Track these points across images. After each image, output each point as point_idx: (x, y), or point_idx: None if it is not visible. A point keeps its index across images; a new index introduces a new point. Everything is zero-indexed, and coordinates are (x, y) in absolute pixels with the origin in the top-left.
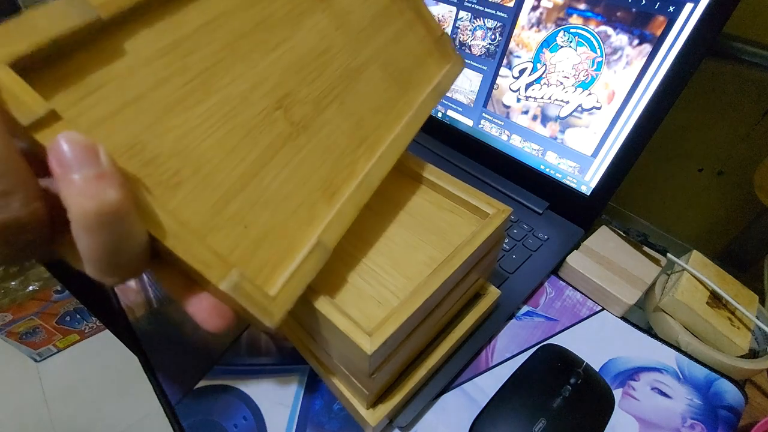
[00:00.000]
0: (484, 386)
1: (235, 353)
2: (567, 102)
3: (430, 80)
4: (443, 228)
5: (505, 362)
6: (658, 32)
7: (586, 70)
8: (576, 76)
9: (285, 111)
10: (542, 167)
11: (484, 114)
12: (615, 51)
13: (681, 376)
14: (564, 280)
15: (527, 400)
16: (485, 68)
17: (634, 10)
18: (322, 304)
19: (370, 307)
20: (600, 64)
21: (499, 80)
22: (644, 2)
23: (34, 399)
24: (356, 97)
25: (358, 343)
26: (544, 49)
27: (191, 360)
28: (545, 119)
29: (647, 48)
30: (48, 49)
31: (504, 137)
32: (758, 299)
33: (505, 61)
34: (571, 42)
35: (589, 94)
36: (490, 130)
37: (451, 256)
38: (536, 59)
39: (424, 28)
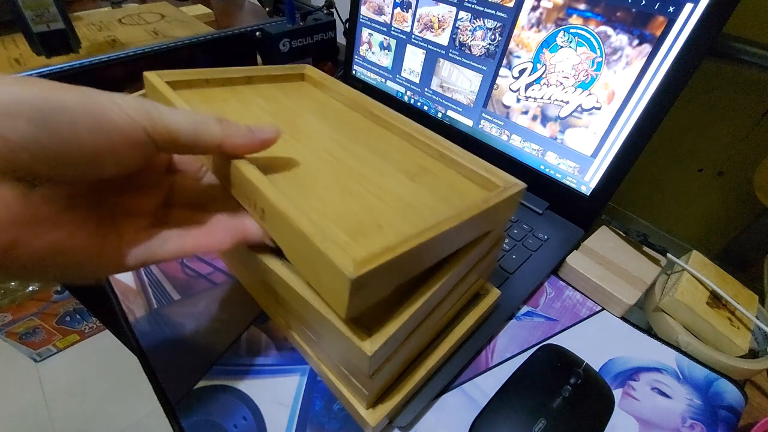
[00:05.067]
0: (484, 386)
1: (235, 353)
2: (567, 102)
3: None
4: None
5: (504, 362)
6: (658, 32)
7: (586, 71)
8: (576, 77)
9: None
10: (542, 167)
11: (483, 114)
12: (615, 51)
13: (681, 376)
14: (564, 280)
15: (527, 400)
16: (485, 68)
17: (634, 10)
18: (322, 306)
19: (371, 309)
20: (600, 64)
21: (499, 80)
22: (644, 2)
23: (34, 399)
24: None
25: (358, 344)
26: (543, 50)
27: (191, 360)
28: (545, 119)
29: (647, 48)
30: None
31: (504, 137)
32: (758, 299)
33: (505, 62)
34: (570, 42)
35: (589, 94)
36: (490, 130)
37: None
38: (536, 59)
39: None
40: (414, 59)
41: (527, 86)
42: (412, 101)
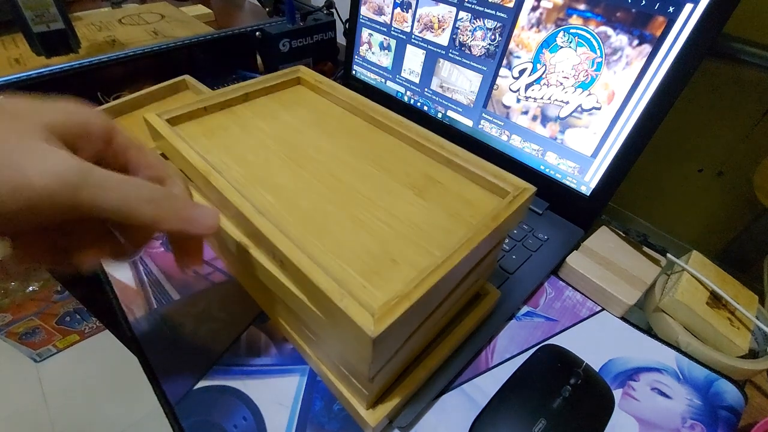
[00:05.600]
0: (484, 387)
1: (235, 354)
2: (567, 102)
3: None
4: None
5: (504, 363)
6: (658, 32)
7: (586, 71)
8: (576, 77)
9: None
10: (542, 167)
11: (484, 114)
12: (615, 51)
13: (681, 377)
14: (564, 281)
15: (527, 400)
16: (485, 68)
17: (634, 10)
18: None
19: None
20: (600, 64)
21: (499, 80)
22: (644, 2)
23: (34, 399)
24: None
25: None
26: (543, 50)
27: (191, 360)
28: (545, 119)
29: (647, 48)
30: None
31: (504, 137)
32: (758, 299)
33: (505, 62)
34: (570, 42)
35: (589, 94)
36: (490, 130)
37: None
38: (536, 60)
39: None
40: (414, 59)
41: (527, 86)
42: (412, 101)
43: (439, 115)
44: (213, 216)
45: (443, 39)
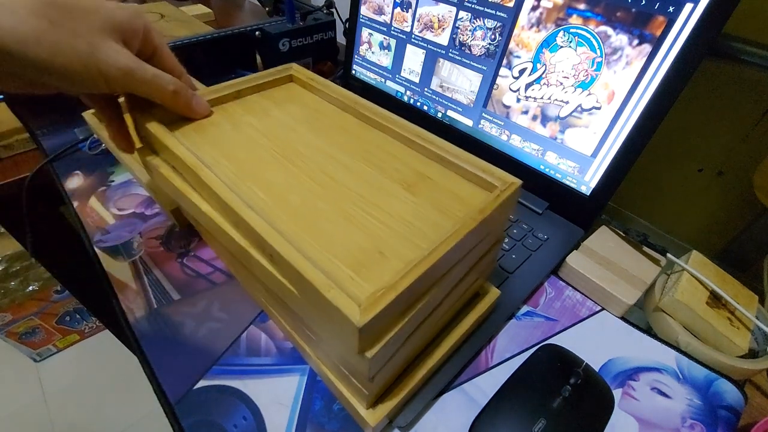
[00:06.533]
0: (484, 386)
1: (235, 353)
2: (567, 102)
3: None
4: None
5: (504, 362)
6: (658, 32)
7: (586, 70)
8: (576, 76)
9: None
10: (542, 167)
11: (483, 114)
12: (615, 51)
13: (681, 376)
14: (564, 280)
15: (527, 400)
16: (485, 68)
17: (634, 10)
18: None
19: None
20: (600, 64)
21: (499, 80)
22: (644, 2)
23: (34, 399)
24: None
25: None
26: (543, 49)
27: (191, 360)
28: (545, 119)
29: (647, 48)
30: None
31: (504, 137)
32: (758, 299)
33: (505, 61)
34: (570, 42)
35: (589, 94)
36: (490, 130)
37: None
38: (536, 59)
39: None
40: (414, 59)
41: (527, 86)
42: (411, 101)
43: (439, 115)
44: (207, 106)
45: (443, 39)
